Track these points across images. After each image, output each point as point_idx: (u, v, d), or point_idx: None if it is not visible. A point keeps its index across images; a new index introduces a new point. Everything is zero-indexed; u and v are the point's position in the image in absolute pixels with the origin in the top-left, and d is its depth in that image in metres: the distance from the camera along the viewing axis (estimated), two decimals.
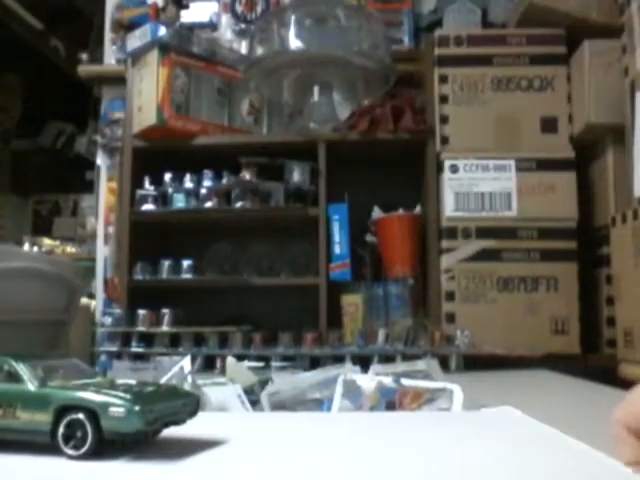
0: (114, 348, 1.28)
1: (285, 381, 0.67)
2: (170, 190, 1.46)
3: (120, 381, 0.38)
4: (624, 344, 1.19)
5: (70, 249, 3.06)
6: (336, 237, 1.43)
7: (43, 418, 0.30)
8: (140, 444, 0.31)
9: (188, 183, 1.46)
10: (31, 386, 0.35)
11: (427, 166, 1.45)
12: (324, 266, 1.42)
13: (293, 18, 1.47)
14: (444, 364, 1.11)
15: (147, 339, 1.30)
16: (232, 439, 0.35)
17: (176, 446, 0.33)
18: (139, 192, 1.46)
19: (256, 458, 0.24)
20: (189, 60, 1.49)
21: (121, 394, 0.30)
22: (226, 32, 1.90)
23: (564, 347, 1.33)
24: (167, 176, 1.47)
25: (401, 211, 1.48)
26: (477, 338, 1.23)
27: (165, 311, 1.31)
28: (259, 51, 1.52)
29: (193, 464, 0.27)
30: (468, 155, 1.40)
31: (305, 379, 0.66)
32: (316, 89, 1.52)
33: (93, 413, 0.27)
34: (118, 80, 1.79)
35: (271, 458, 0.24)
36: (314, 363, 1.20)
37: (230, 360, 0.80)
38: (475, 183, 1.39)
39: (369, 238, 1.54)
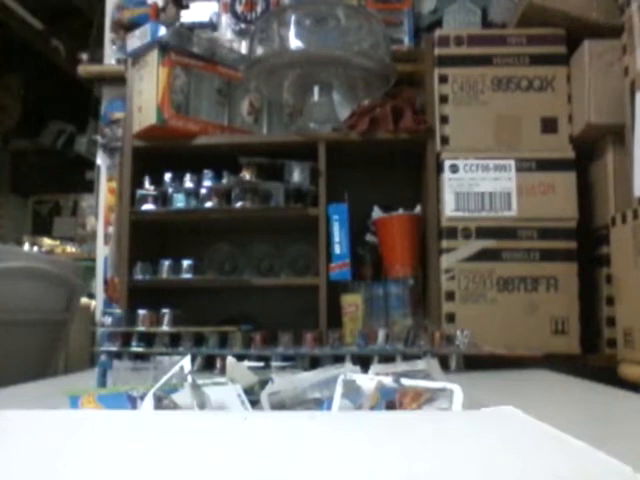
0: (114, 348, 1.28)
1: (285, 381, 0.67)
2: (170, 190, 1.46)
3: None
4: (624, 344, 1.19)
5: (70, 249, 3.07)
6: (336, 237, 1.43)
7: None
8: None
9: (188, 183, 1.46)
10: None
11: (427, 166, 1.45)
12: (324, 266, 1.42)
13: (293, 18, 1.47)
14: (444, 364, 1.11)
15: (147, 339, 1.30)
16: (231, 437, 0.35)
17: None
18: (139, 192, 1.46)
19: (254, 457, 0.24)
20: (189, 60, 1.49)
21: None
22: (226, 32, 1.91)
23: (564, 347, 1.33)
24: (167, 176, 1.47)
25: (401, 211, 1.48)
26: (477, 338, 1.23)
27: (165, 311, 1.31)
28: (259, 51, 1.52)
29: (190, 462, 0.27)
30: (468, 155, 1.40)
31: (305, 379, 0.66)
32: (316, 89, 1.52)
33: None
34: (118, 80, 1.79)
35: (269, 456, 0.24)
36: (314, 363, 1.20)
37: (230, 360, 0.80)
38: (475, 183, 1.39)
39: (369, 238, 1.54)
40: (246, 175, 1.44)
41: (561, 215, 1.38)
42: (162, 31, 1.47)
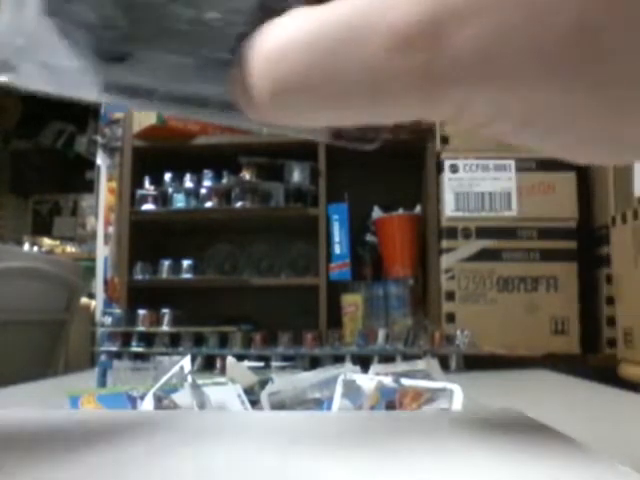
0: (114, 348, 1.28)
1: (285, 381, 0.67)
2: (170, 190, 1.46)
3: None
4: (624, 344, 1.19)
5: (70, 249, 3.07)
6: (336, 237, 1.43)
7: None
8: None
9: (188, 183, 1.46)
10: None
11: (427, 166, 1.45)
12: (324, 266, 1.42)
13: None
14: (444, 364, 1.11)
15: (147, 339, 1.30)
16: (231, 437, 0.35)
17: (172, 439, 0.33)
18: (139, 192, 1.46)
19: (254, 456, 0.24)
20: None
21: None
22: None
23: (564, 347, 1.33)
24: (167, 176, 1.47)
25: (401, 211, 1.48)
26: (477, 338, 1.23)
27: (165, 311, 1.31)
28: None
29: (190, 460, 0.27)
30: (468, 155, 1.40)
31: (305, 379, 0.66)
32: None
33: None
34: None
35: (269, 456, 0.25)
36: (314, 363, 1.20)
37: (230, 360, 0.80)
38: (475, 183, 1.39)
39: (369, 238, 1.54)
40: (246, 175, 1.44)
41: (561, 215, 1.38)
42: None
